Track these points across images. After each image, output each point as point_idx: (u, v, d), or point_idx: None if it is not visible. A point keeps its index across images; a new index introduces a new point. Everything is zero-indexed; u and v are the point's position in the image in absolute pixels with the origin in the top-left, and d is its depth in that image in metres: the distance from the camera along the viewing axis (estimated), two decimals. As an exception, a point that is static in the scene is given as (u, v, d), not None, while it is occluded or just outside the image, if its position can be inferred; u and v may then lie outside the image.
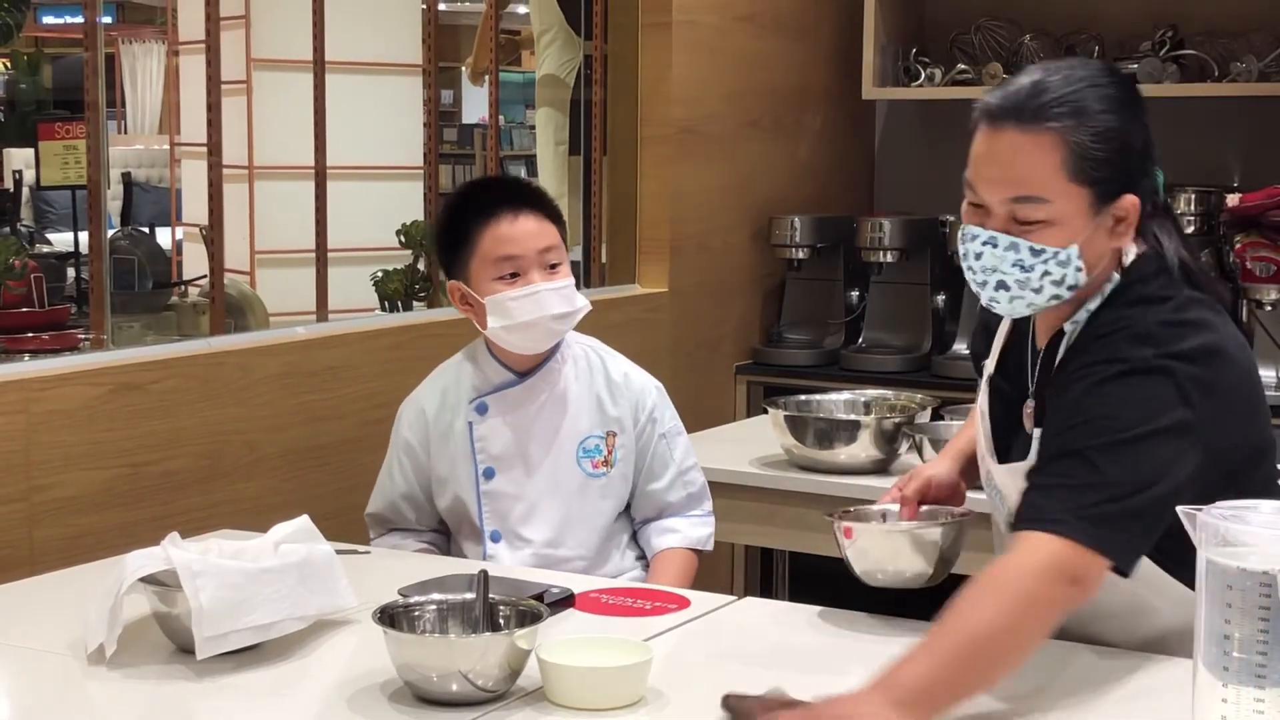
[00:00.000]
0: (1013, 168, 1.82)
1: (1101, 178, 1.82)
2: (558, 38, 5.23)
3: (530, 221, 2.50)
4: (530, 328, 2.49)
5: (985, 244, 1.86)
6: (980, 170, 1.86)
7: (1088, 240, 1.84)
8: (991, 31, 4.61)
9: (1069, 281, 1.86)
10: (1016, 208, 1.83)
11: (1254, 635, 1.43)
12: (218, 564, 1.93)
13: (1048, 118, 1.81)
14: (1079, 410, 1.82)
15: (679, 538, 2.61)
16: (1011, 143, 1.82)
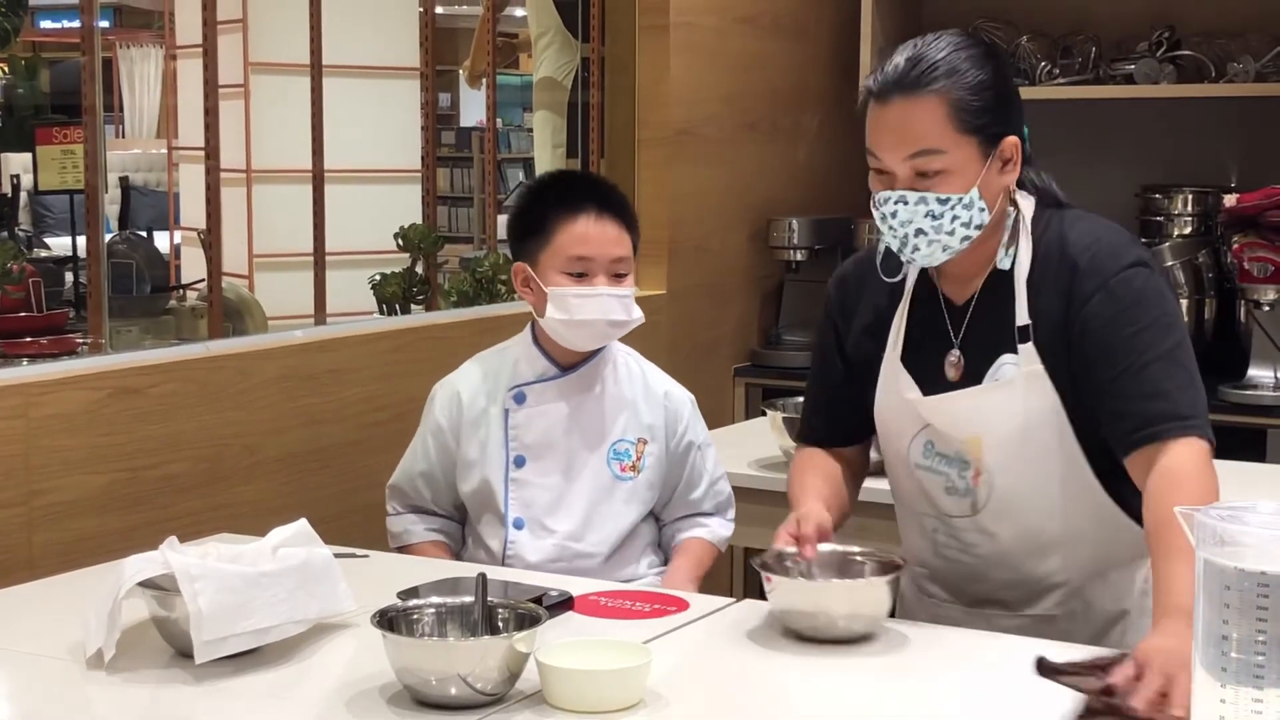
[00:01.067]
0: (907, 130, 2.05)
1: (983, 124, 2.05)
2: (555, 40, 5.24)
3: (611, 227, 2.55)
4: (586, 327, 2.53)
5: (897, 203, 2.07)
6: (879, 140, 2.07)
7: (984, 182, 2.07)
8: (988, 33, 4.60)
9: (975, 222, 2.07)
10: (916, 163, 2.05)
11: (1252, 636, 1.43)
12: (216, 568, 1.93)
13: (927, 83, 2.04)
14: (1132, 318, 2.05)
15: (707, 531, 2.68)
16: (901, 110, 2.05)
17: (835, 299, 2.33)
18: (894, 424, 2.23)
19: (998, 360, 2.12)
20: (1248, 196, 3.99)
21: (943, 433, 2.16)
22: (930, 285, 2.21)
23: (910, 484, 2.23)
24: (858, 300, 2.28)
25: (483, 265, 3.99)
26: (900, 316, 2.22)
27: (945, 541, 2.21)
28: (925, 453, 2.19)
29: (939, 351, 2.18)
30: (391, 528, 2.66)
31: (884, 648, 1.98)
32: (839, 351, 2.31)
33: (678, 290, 4.22)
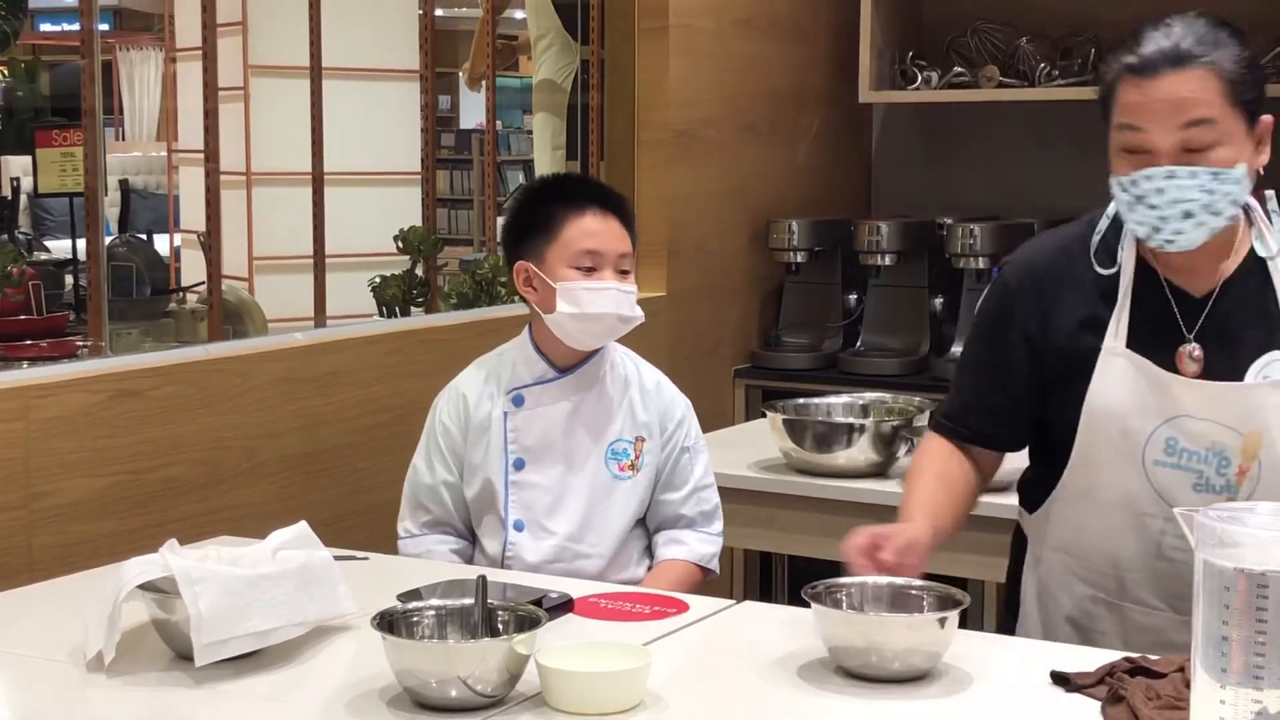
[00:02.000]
0: (1180, 100, 1.99)
1: (1249, 99, 2.03)
2: (555, 43, 5.24)
3: (616, 225, 2.57)
4: (595, 320, 2.53)
5: (1167, 178, 2.00)
6: (1144, 116, 2.01)
7: (1248, 159, 2.03)
8: (988, 34, 4.61)
9: (1241, 200, 2.04)
10: (1189, 134, 1.99)
11: (1251, 637, 1.43)
12: (216, 571, 1.93)
13: (1200, 54, 2.01)
14: None
15: (685, 550, 2.63)
16: (1173, 81, 2.00)
17: (1023, 291, 2.20)
18: (1124, 420, 2.10)
19: (1266, 356, 2.05)
20: (1247, 197, 3.98)
21: (1196, 425, 2.06)
22: (1150, 276, 2.13)
23: (1138, 484, 2.10)
24: (1055, 294, 2.17)
25: (482, 267, 3.99)
26: (1122, 308, 2.12)
27: (1176, 545, 2.07)
28: (1168, 449, 2.08)
29: (1168, 345, 2.09)
30: (411, 550, 2.60)
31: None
32: (1023, 348, 2.19)
33: (678, 292, 4.22)
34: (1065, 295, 2.17)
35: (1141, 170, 2.01)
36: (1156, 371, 2.08)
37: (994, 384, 2.25)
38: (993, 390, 2.25)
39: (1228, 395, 2.06)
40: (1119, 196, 2.05)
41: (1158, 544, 2.11)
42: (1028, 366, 2.20)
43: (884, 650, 1.85)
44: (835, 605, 1.95)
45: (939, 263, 4.38)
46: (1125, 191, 2.03)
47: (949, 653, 1.90)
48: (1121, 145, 2.04)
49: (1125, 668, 1.83)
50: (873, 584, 2.01)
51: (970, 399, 2.29)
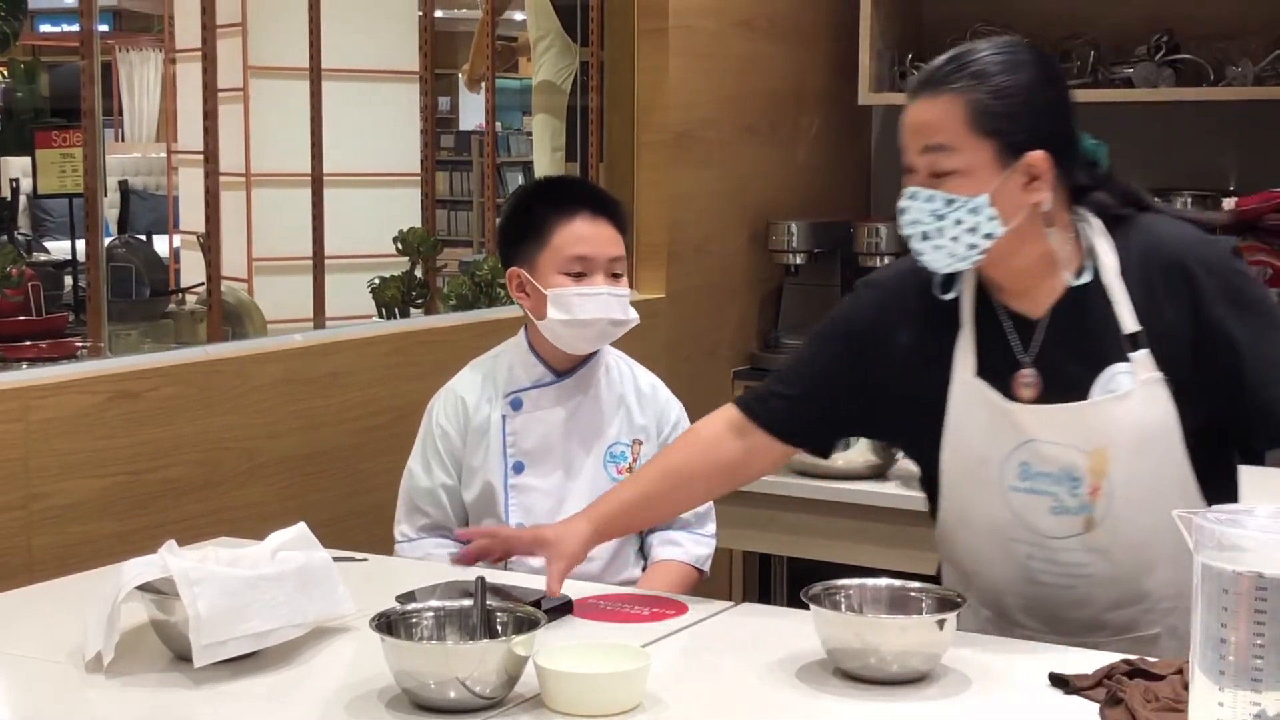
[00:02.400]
0: (921, 124, 2.04)
1: (1002, 129, 2.00)
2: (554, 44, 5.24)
3: (607, 228, 2.56)
4: (587, 326, 2.54)
5: (909, 199, 2.05)
6: (903, 135, 2.07)
7: (998, 191, 2.00)
8: (987, 36, 4.60)
9: (983, 230, 2.01)
10: (929, 158, 2.02)
11: (1250, 639, 1.43)
12: (215, 572, 1.93)
13: (948, 83, 2.03)
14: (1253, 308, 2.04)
15: (679, 551, 2.63)
16: (922, 106, 2.04)
17: (870, 307, 2.22)
18: (979, 449, 2.11)
19: (1107, 371, 2.04)
20: (1246, 200, 3.99)
21: (1045, 449, 2.06)
22: (988, 302, 2.13)
23: (1001, 510, 2.10)
24: (904, 321, 2.18)
25: (482, 269, 3.99)
26: (966, 337, 2.12)
27: (1043, 567, 2.09)
28: (1022, 474, 2.08)
29: (1008, 371, 2.09)
30: (409, 554, 2.61)
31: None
32: (855, 359, 2.20)
33: (677, 293, 4.22)
34: (913, 322, 2.17)
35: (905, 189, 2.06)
36: (1000, 400, 2.09)
37: (810, 379, 2.25)
38: (811, 389, 2.25)
39: (1069, 416, 2.06)
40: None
41: (1026, 568, 2.11)
42: (850, 376, 2.21)
43: (882, 652, 1.85)
44: (834, 607, 1.95)
45: (938, 264, 4.37)
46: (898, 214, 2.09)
47: (947, 655, 1.90)
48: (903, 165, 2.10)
49: (1124, 669, 1.83)
50: (871, 585, 2.01)
51: (785, 388, 2.27)
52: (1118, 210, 2.11)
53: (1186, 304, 2.03)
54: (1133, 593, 2.10)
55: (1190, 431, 2.04)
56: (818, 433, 2.30)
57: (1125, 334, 2.04)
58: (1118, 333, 2.05)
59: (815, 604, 1.92)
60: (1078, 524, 2.07)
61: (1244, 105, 4.33)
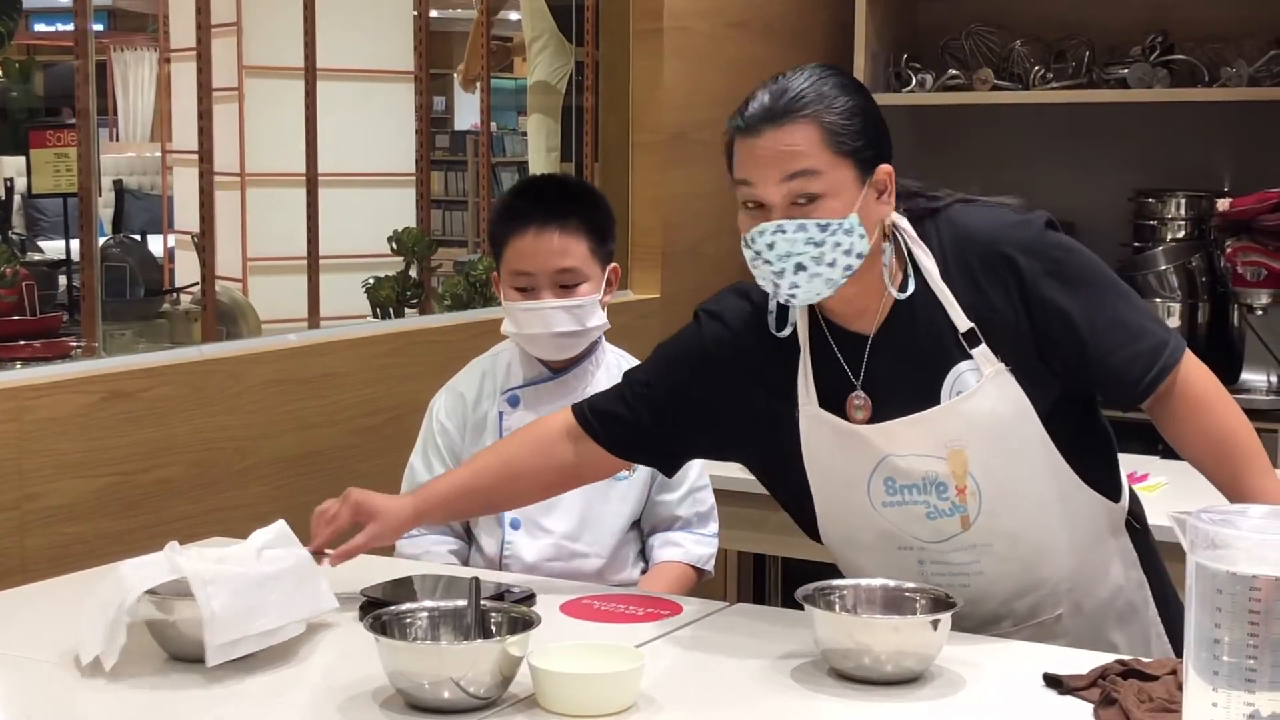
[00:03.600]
0: (781, 154, 1.98)
1: (857, 148, 2.00)
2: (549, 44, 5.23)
3: (554, 239, 2.53)
4: (533, 340, 2.56)
5: (775, 233, 1.98)
6: (752, 171, 2.00)
7: (862, 208, 2.00)
8: (983, 37, 4.61)
9: (857, 250, 2.00)
10: (794, 185, 1.98)
11: (1243, 639, 1.43)
12: (226, 572, 1.93)
13: (797, 109, 1.99)
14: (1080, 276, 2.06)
15: (680, 552, 2.63)
16: (773, 138, 1.98)
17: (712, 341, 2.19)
18: (840, 475, 2.11)
19: (952, 373, 2.05)
20: (1241, 201, 4.00)
21: (902, 462, 2.06)
22: (818, 329, 2.12)
23: (878, 529, 2.11)
24: (747, 357, 2.16)
25: (476, 269, 3.99)
26: (805, 370, 2.11)
27: (937, 570, 2.11)
28: (889, 489, 2.09)
29: (843, 396, 2.09)
30: (408, 551, 2.60)
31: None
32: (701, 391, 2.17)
33: (671, 294, 4.22)
34: (754, 357, 2.15)
35: (756, 226, 2.00)
36: (846, 426, 2.08)
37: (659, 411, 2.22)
38: (656, 415, 2.22)
39: (917, 426, 2.05)
40: (745, 254, 2.03)
41: (921, 574, 2.11)
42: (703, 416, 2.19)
43: (876, 652, 1.85)
44: (828, 607, 1.96)
45: (933, 265, 4.37)
46: (747, 248, 2.02)
47: (941, 655, 1.90)
48: (741, 201, 2.03)
49: (1118, 670, 1.83)
50: (866, 586, 2.01)
51: (628, 411, 2.23)
52: (921, 208, 2.11)
53: (1013, 290, 2.04)
54: (1028, 580, 2.11)
55: (1046, 413, 2.06)
56: (660, 456, 2.29)
57: (961, 332, 2.05)
58: (954, 333, 2.05)
59: (809, 604, 1.92)
60: (955, 525, 2.08)
61: (1238, 106, 4.34)
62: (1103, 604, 2.15)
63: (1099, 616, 2.15)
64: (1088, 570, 2.14)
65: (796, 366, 2.11)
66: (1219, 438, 2.04)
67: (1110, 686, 1.78)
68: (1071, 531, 2.12)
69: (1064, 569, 2.12)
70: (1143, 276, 4.18)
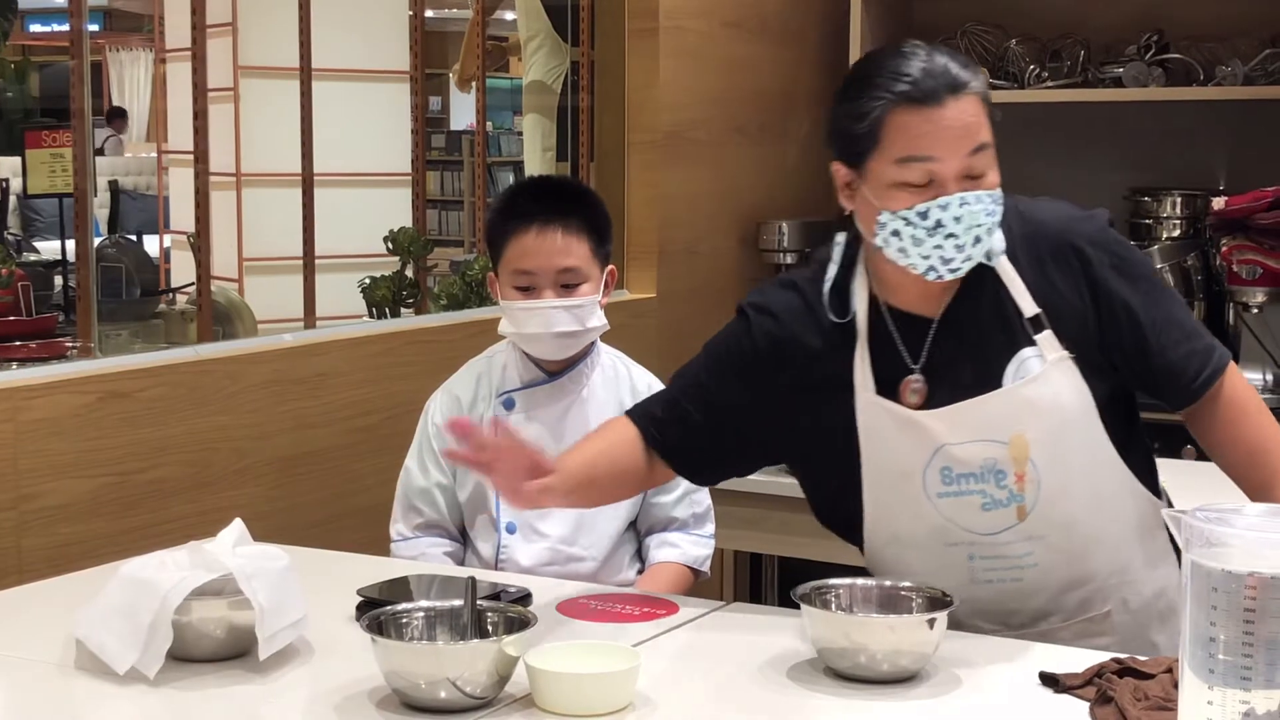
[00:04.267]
0: (968, 126, 2.00)
1: (993, 123, 2.05)
2: (545, 44, 5.24)
3: (556, 238, 2.52)
4: (533, 340, 2.55)
5: (962, 205, 1.99)
6: (935, 145, 1.99)
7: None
8: (978, 37, 4.61)
9: (997, 221, 2.04)
10: (975, 160, 2.00)
11: (1239, 637, 1.43)
12: (263, 566, 1.95)
13: (967, 83, 2.01)
14: (1139, 273, 2.10)
15: (677, 553, 2.63)
16: (957, 109, 1.99)
17: (766, 342, 2.17)
18: (896, 465, 2.09)
19: (1016, 358, 2.05)
20: (1236, 199, 4.00)
21: (961, 450, 2.05)
22: (876, 316, 2.12)
23: (931, 520, 2.08)
24: (799, 346, 2.15)
25: (472, 269, 3.98)
26: (863, 357, 2.10)
27: (987, 565, 2.09)
28: (945, 478, 2.07)
29: (893, 382, 2.09)
30: (404, 553, 2.61)
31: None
32: (747, 393, 2.17)
33: (667, 293, 4.22)
34: (807, 346, 2.14)
35: (934, 200, 1.98)
36: (905, 413, 2.08)
37: (700, 407, 2.20)
38: (698, 411, 2.20)
39: (978, 411, 2.05)
40: (901, 231, 2.00)
41: (969, 571, 2.10)
42: (745, 411, 2.18)
43: (871, 651, 1.85)
44: (824, 607, 1.96)
45: (928, 264, 4.37)
46: (913, 225, 1.99)
47: (937, 654, 1.91)
48: (902, 178, 2.00)
49: (1114, 668, 1.83)
50: (862, 585, 2.01)
51: (678, 414, 2.22)
52: None
53: (1081, 279, 2.07)
54: (1079, 573, 2.11)
55: (1101, 405, 2.07)
56: (713, 463, 2.26)
57: (1027, 317, 2.06)
58: (1018, 318, 2.06)
59: (805, 603, 1.92)
60: (1011, 515, 2.07)
61: (1233, 105, 4.34)
62: (1147, 602, 2.15)
63: (1144, 615, 2.14)
64: (1135, 566, 2.14)
65: (852, 354, 2.11)
66: (1255, 446, 2.07)
67: (1106, 685, 1.78)
68: (1122, 525, 2.12)
69: (1113, 563, 2.11)
70: (1138, 275, 4.18)
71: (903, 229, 2.00)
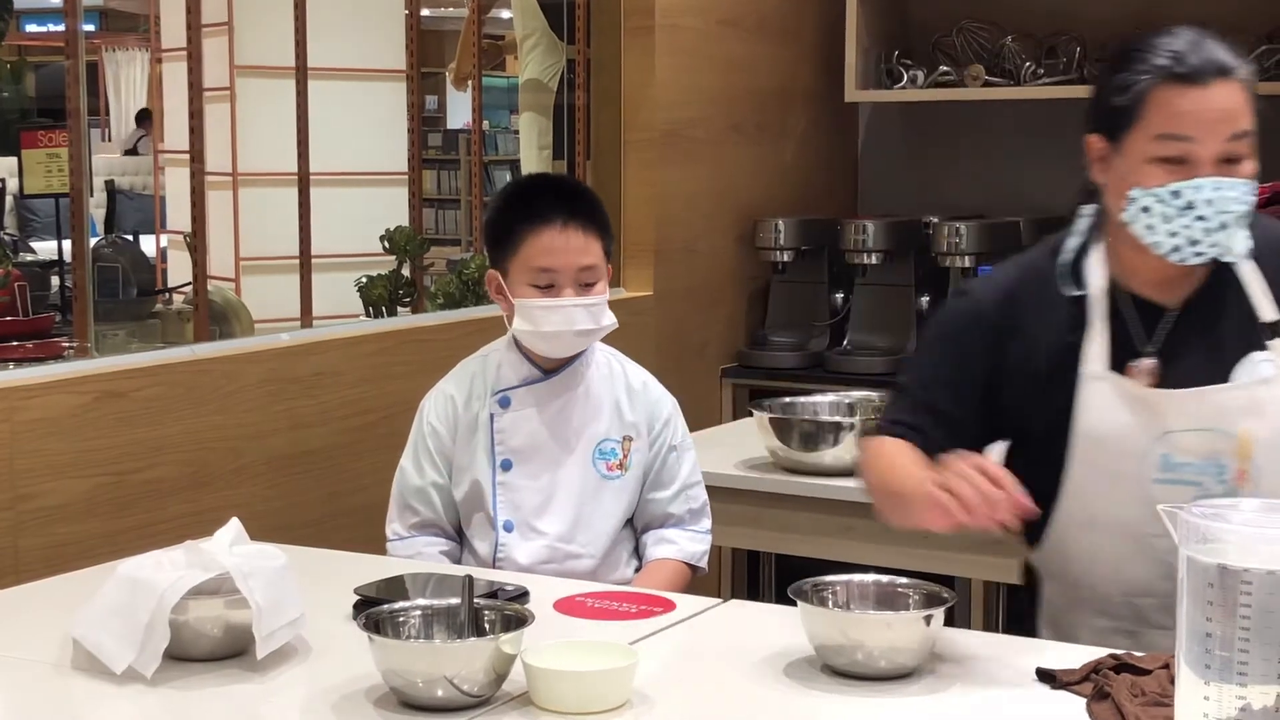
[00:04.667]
0: (1231, 111, 2.00)
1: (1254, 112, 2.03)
2: (541, 43, 5.24)
3: (577, 237, 2.51)
4: (552, 338, 2.53)
5: (1216, 189, 1.99)
6: (1195, 123, 1.99)
7: None
8: (973, 33, 4.62)
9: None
10: (1234, 145, 2.00)
11: (1235, 633, 1.44)
12: (259, 566, 1.94)
13: (1236, 67, 2.03)
14: None
15: (674, 549, 2.63)
16: (1224, 92, 2.00)
17: (993, 311, 2.18)
18: (1116, 444, 2.08)
19: (1249, 359, 2.06)
20: (1232, 196, 3.99)
21: (1186, 439, 2.05)
22: (1113, 294, 2.12)
23: (1139, 507, 2.03)
24: (1027, 317, 2.16)
25: (469, 267, 3.98)
26: (1097, 331, 2.10)
27: None
28: (1164, 465, 2.06)
29: (1119, 364, 2.09)
30: (401, 553, 2.60)
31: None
32: (983, 367, 2.17)
33: (664, 292, 4.22)
34: (1038, 318, 2.15)
35: (1189, 180, 1.99)
36: (1137, 390, 2.07)
37: (948, 396, 2.20)
38: (946, 401, 2.20)
39: (1213, 399, 2.06)
40: (1151, 208, 2.01)
41: (1167, 564, 2.03)
42: (984, 386, 2.17)
43: (868, 648, 1.85)
44: (821, 603, 1.96)
45: (925, 261, 4.39)
46: (1164, 203, 2.00)
47: (935, 651, 1.91)
48: (1158, 155, 2.01)
49: (1111, 664, 1.83)
50: (859, 582, 2.01)
51: (922, 405, 2.21)
52: None
53: None
54: None
55: None
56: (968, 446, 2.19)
57: (1264, 321, 2.07)
58: (1255, 321, 2.07)
59: (802, 600, 1.92)
60: None
61: (1229, 101, 4.34)
62: None
63: None
64: None
65: (1083, 329, 2.11)
66: None
67: (1103, 681, 1.78)
68: None
69: None
70: (1134, 272, 4.18)
71: (1153, 206, 2.01)
